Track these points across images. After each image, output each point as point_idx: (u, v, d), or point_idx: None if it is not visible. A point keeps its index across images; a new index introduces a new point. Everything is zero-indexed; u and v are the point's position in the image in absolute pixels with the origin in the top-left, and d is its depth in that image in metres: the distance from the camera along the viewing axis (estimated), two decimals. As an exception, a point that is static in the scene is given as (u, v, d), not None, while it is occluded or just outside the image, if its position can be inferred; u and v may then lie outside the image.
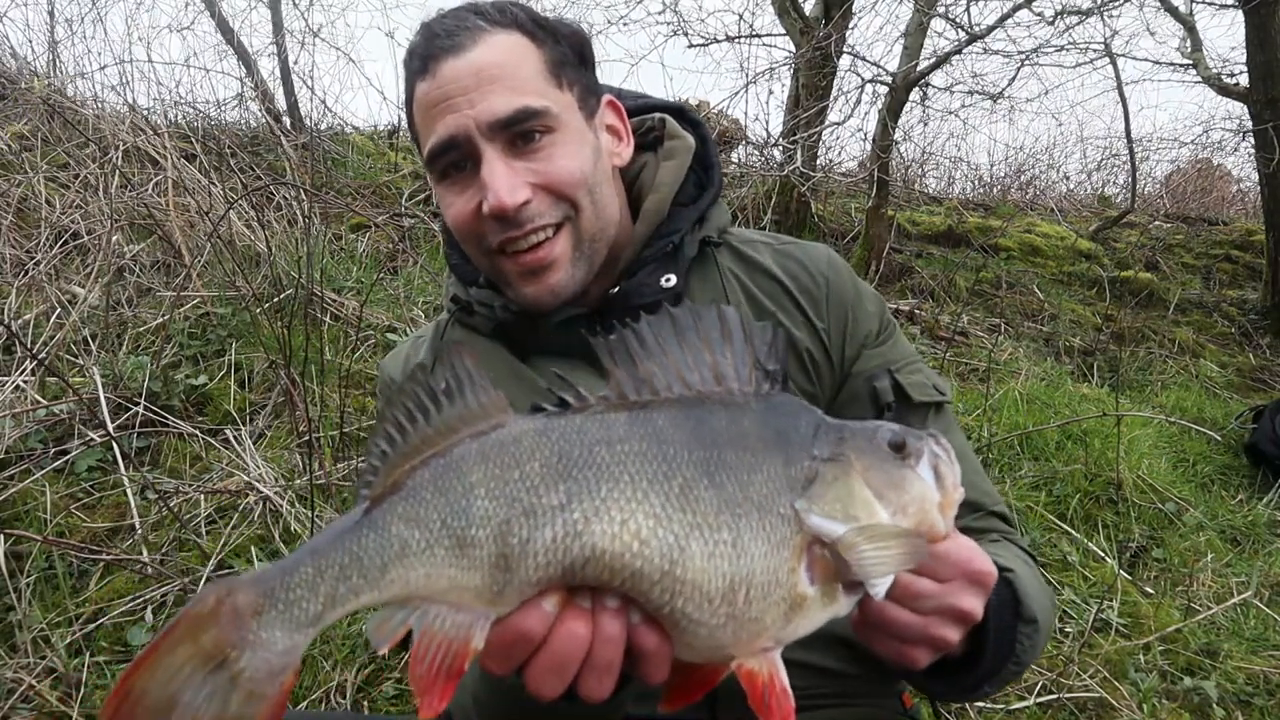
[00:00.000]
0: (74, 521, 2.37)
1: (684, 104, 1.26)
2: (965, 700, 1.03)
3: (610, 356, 0.69)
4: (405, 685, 2.05)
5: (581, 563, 0.64)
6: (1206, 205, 9.28)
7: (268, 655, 0.61)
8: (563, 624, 0.65)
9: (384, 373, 1.26)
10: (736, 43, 6.21)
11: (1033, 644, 0.93)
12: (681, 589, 0.64)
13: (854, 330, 1.15)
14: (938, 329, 4.87)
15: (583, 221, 1.05)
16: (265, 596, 0.62)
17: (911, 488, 0.69)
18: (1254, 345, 5.75)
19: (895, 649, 0.77)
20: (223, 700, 0.60)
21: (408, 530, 0.64)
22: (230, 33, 5.50)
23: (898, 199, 6.96)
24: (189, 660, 0.60)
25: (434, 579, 0.64)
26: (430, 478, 0.65)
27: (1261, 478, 3.73)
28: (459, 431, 0.66)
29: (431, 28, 1.05)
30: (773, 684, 0.66)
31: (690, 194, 1.17)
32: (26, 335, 2.96)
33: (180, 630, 0.60)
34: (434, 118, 1.02)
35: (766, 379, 0.71)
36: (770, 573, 0.65)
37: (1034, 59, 5.79)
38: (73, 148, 4.04)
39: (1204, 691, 2.27)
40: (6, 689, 1.89)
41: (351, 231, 4.32)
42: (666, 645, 0.66)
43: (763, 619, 0.65)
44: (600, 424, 0.67)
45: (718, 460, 0.66)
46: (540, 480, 0.64)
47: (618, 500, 0.64)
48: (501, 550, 0.64)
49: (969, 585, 0.75)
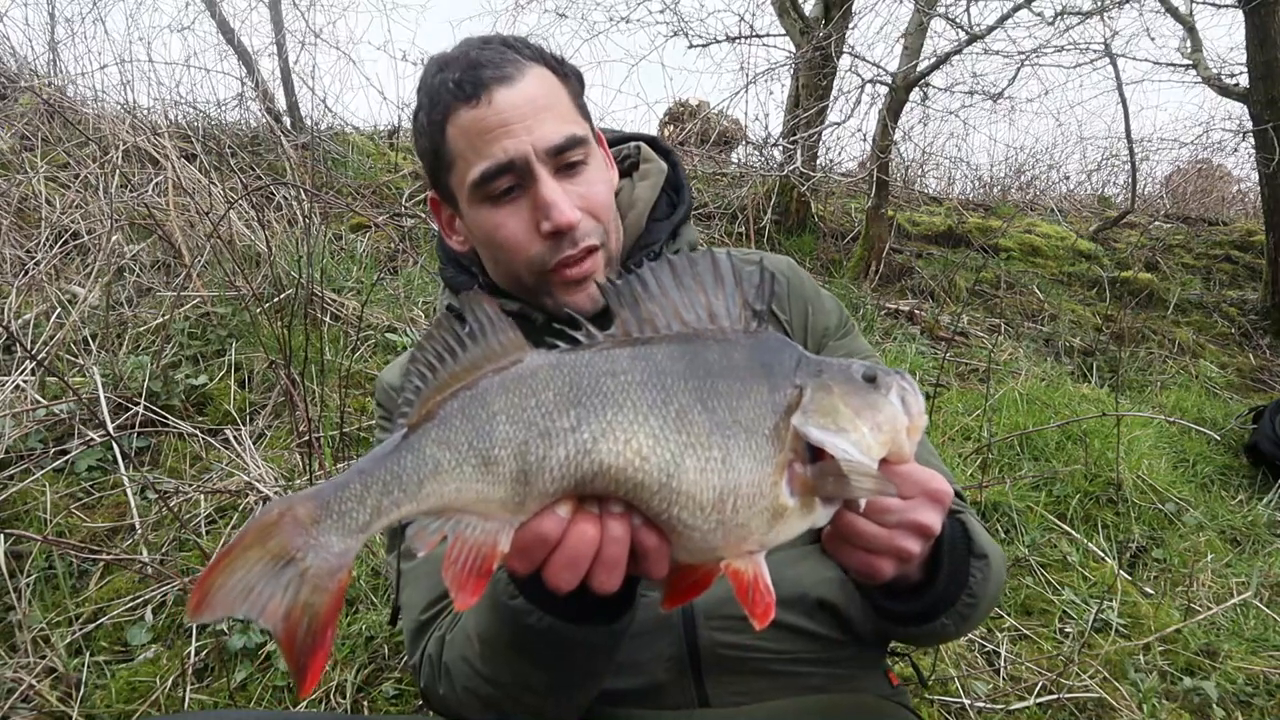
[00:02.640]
0: (74, 521, 2.37)
1: (655, 136, 1.40)
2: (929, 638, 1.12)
3: (617, 299, 0.77)
4: (405, 685, 2.05)
5: (590, 476, 0.73)
6: (1206, 205, 9.28)
7: (327, 556, 0.72)
8: (575, 526, 0.74)
9: (382, 382, 1.32)
10: (736, 43, 6.21)
11: (985, 579, 1.03)
12: (677, 498, 0.73)
13: (814, 323, 1.28)
14: (938, 329, 4.87)
15: (611, 242, 1.17)
16: (321, 508, 0.73)
17: (884, 410, 0.78)
18: (1254, 345, 5.75)
19: (863, 560, 0.86)
20: (295, 590, 0.72)
21: (440, 451, 0.74)
22: (230, 33, 5.50)
23: (898, 199, 6.96)
24: (260, 559, 0.71)
25: (464, 492, 0.74)
26: (459, 407, 0.75)
27: (1261, 478, 3.73)
28: (482, 368, 0.76)
29: (474, 59, 1.10)
30: (757, 582, 0.75)
31: (664, 211, 1.29)
32: (26, 335, 2.96)
33: (250, 537, 0.71)
34: (489, 142, 1.09)
35: (755, 318, 0.79)
36: (755, 485, 0.74)
37: (1034, 59, 5.78)
38: (73, 148, 4.04)
39: (1204, 692, 2.27)
40: (6, 689, 1.89)
41: (351, 231, 4.32)
42: (665, 545, 0.76)
43: (749, 525, 0.75)
44: (606, 358, 0.76)
45: (710, 388, 0.75)
46: (554, 407, 0.74)
47: (622, 423, 0.73)
48: (521, 467, 0.74)
49: (929, 502, 0.84)
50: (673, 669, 1.14)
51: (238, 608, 0.71)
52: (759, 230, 5.44)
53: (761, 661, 1.15)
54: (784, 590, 1.16)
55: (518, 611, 0.90)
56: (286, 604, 0.72)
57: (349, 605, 2.22)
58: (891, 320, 4.94)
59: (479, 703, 1.03)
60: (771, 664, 1.15)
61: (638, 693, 1.13)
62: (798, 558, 1.20)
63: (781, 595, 1.15)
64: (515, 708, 1.01)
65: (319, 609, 0.72)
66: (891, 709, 1.20)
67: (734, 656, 1.14)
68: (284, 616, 0.72)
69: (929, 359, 4.31)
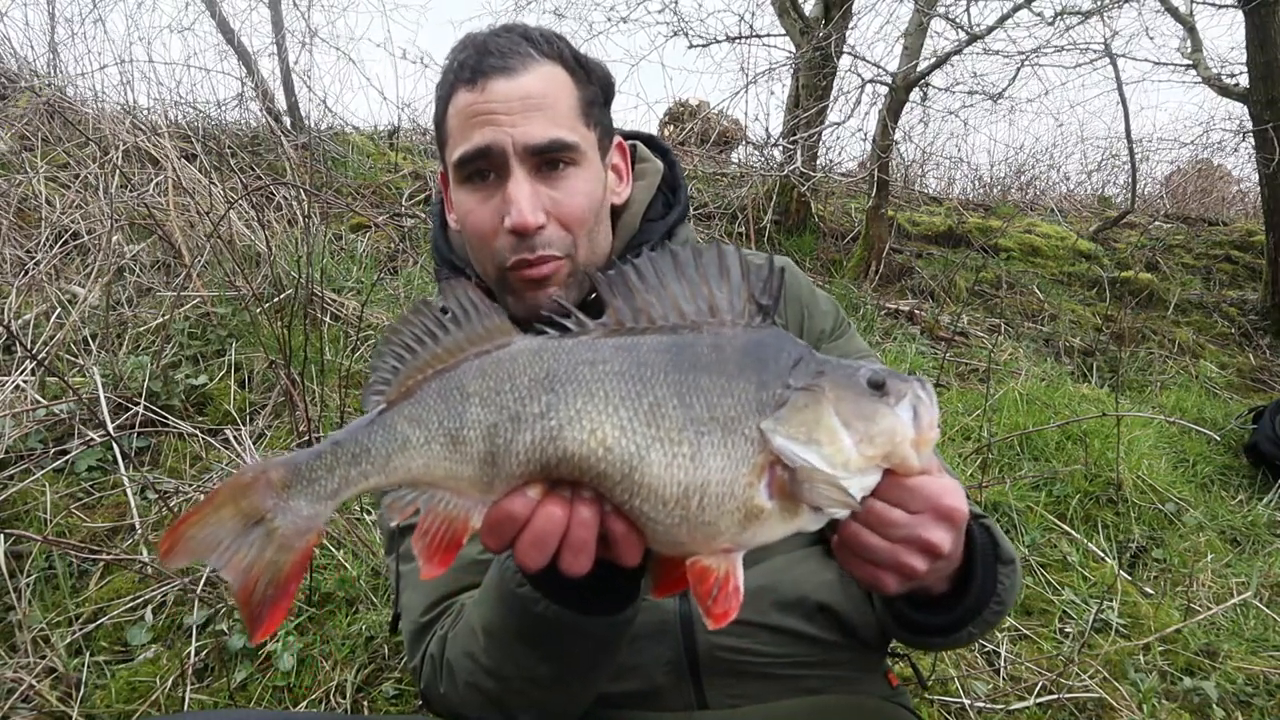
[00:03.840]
0: (74, 521, 2.37)
1: (652, 135, 1.38)
2: (949, 645, 1.10)
3: (609, 289, 0.77)
4: (405, 685, 2.05)
5: (555, 462, 0.74)
6: (1206, 205, 9.27)
7: (295, 519, 0.76)
8: (543, 507, 0.75)
9: None
10: (736, 43, 6.21)
11: (1011, 584, 1.01)
12: (639, 490, 0.73)
13: (810, 325, 1.27)
14: (938, 329, 4.87)
15: (579, 257, 1.14)
16: (293, 474, 0.76)
17: (882, 421, 0.74)
18: (1254, 345, 5.75)
19: (867, 571, 0.84)
20: (261, 547, 0.76)
21: (410, 428, 0.76)
22: (230, 33, 5.50)
23: (898, 199, 6.96)
24: (232, 516, 0.76)
25: (432, 469, 0.76)
26: (436, 388, 0.77)
27: (1261, 478, 3.73)
28: (465, 351, 0.78)
29: (485, 44, 1.11)
30: (726, 582, 0.74)
31: (659, 211, 1.28)
32: (26, 335, 2.96)
33: (224, 494, 0.76)
34: (473, 126, 1.09)
35: (759, 312, 0.77)
36: (725, 485, 0.73)
37: (1034, 59, 5.77)
38: (73, 148, 4.04)
39: (1204, 692, 2.27)
40: (6, 689, 1.89)
41: (351, 231, 4.31)
42: (634, 534, 0.76)
43: (717, 524, 0.73)
44: (590, 347, 0.76)
45: (691, 383, 0.74)
46: (527, 392, 0.75)
47: (590, 412, 0.74)
48: (489, 448, 0.75)
49: (938, 519, 0.80)
50: (671, 672, 1.14)
51: (205, 556, 0.76)
52: (759, 230, 5.44)
53: (760, 665, 1.14)
54: (784, 593, 1.16)
55: (525, 599, 0.90)
56: (250, 559, 0.76)
57: (349, 605, 2.22)
58: (891, 320, 4.93)
59: (481, 698, 1.02)
60: (770, 667, 1.15)
61: (636, 695, 1.13)
62: (798, 560, 1.19)
63: (781, 598, 1.16)
64: (518, 701, 1.01)
65: (282, 566, 0.76)
66: (891, 710, 1.20)
67: (732, 660, 1.13)
68: (245, 570, 0.76)
69: (929, 359, 4.31)
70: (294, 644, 2.05)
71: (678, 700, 1.14)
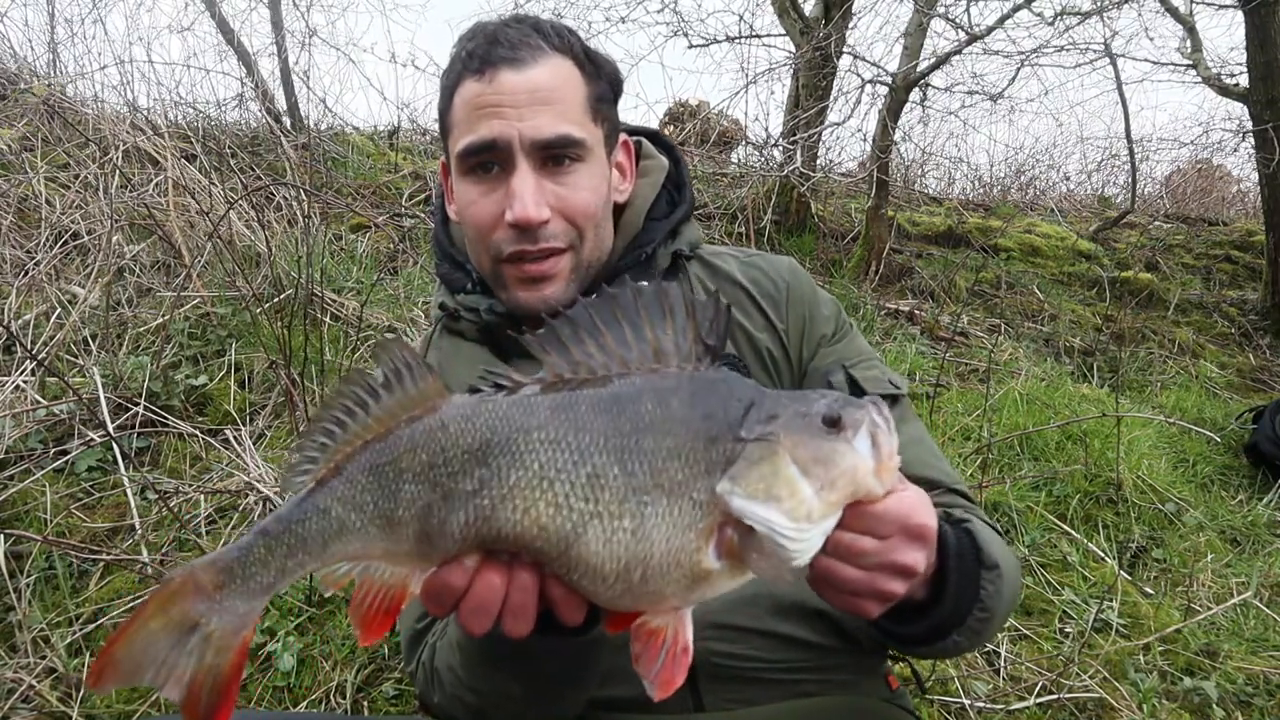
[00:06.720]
0: (74, 521, 2.37)
1: (657, 131, 1.35)
2: (940, 655, 1.06)
3: (540, 348, 0.73)
4: (405, 685, 2.05)
5: (490, 539, 0.72)
6: (1206, 205, 9.27)
7: (231, 618, 0.73)
8: (481, 576, 0.74)
9: None
10: (736, 43, 6.21)
11: (998, 590, 0.96)
12: (577, 566, 0.71)
13: (811, 331, 1.24)
14: (938, 329, 4.87)
15: (584, 250, 1.13)
16: (225, 574, 0.73)
17: (841, 461, 0.70)
18: (1254, 345, 5.75)
19: (846, 601, 0.82)
20: (200, 654, 0.73)
21: (345, 512, 0.74)
22: (230, 33, 5.50)
23: (898, 199, 6.96)
24: (163, 629, 0.72)
25: (369, 549, 0.75)
26: (368, 463, 0.74)
27: (1261, 478, 3.73)
28: (398, 417, 0.74)
29: (495, 34, 1.09)
30: (675, 641, 0.72)
31: (663, 210, 1.26)
32: (26, 335, 2.96)
33: (151, 607, 0.72)
34: (479, 118, 1.08)
35: (707, 353, 0.73)
36: (671, 555, 0.70)
37: (1034, 59, 5.78)
38: (73, 148, 4.04)
39: (1204, 692, 2.26)
40: (6, 689, 1.89)
41: (351, 231, 4.31)
42: (575, 597, 0.74)
43: (661, 591, 0.71)
44: (524, 410, 0.72)
45: (634, 447, 0.70)
46: (460, 466, 0.72)
47: (523, 489, 0.70)
48: (423, 528, 0.73)
49: (909, 540, 0.78)
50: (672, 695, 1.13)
51: (141, 676, 0.72)
52: (759, 230, 5.43)
53: (757, 670, 1.14)
54: (781, 598, 1.16)
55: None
56: (190, 670, 0.72)
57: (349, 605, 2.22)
58: (891, 320, 4.93)
59: (465, 710, 1.03)
60: (767, 672, 1.14)
61: (632, 699, 1.13)
62: None
63: (778, 604, 1.15)
64: (498, 714, 1.01)
65: (223, 668, 0.73)
66: (890, 712, 1.19)
67: (729, 665, 1.13)
68: (187, 683, 0.72)
69: (929, 359, 4.31)
70: (294, 644, 2.05)
71: (674, 704, 1.13)
